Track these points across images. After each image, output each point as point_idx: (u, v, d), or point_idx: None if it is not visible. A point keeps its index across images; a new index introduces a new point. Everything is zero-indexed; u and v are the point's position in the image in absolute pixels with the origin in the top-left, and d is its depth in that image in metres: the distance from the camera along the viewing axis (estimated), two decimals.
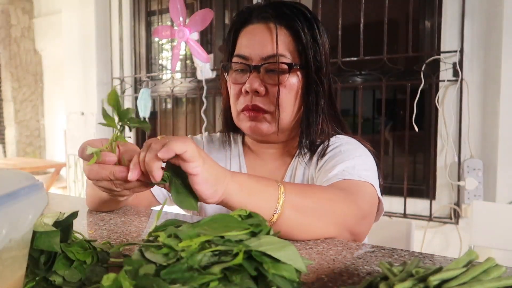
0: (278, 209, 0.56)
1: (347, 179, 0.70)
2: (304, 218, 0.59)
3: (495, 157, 1.85)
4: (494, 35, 1.84)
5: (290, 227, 0.58)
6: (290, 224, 0.58)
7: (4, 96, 4.24)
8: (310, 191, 0.62)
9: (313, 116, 0.82)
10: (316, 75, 0.80)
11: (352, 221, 0.64)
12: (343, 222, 0.63)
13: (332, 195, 0.64)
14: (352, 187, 0.69)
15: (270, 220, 0.57)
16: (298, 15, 0.80)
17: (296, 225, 0.59)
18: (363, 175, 0.72)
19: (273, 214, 0.56)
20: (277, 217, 0.57)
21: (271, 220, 0.57)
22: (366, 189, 0.71)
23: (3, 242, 0.29)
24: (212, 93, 2.61)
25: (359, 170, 0.73)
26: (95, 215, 0.76)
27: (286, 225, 0.58)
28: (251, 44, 0.80)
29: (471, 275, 0.36)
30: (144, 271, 0.34)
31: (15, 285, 0.33)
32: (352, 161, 0.75)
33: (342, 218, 0.63)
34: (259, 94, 0.79)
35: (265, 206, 0.56)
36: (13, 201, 0.30)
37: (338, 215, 0.62)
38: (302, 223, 0.59)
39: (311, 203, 0.60)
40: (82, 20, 3.15)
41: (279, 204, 0.56)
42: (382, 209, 0.77)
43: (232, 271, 0.35)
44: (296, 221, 0.58)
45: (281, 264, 0.36)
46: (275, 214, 0.56)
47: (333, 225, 0.62)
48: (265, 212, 0.56)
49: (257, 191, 0.56)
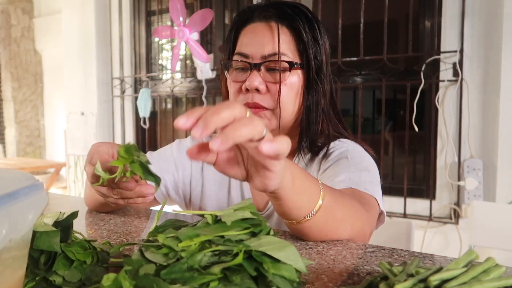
0: (313, 213, 0.55)
1: (353, 188, 0.71)
2: (328, 225, 0.58)
3: (495, 157, 1.85)
4: (494, 35, 1.84)
5: (312, 229, 0.57)
6: (315, 228, 0.57)
7: (4, 96, 4.24)
8: (341, 200, 0.60)
9: (313, 115, 0.82)
10: (316, 75, 0.81)
11: (362, 235, 0.65)
12: (357, 234, 0.63)
13: (357, 207, 0.63)
14: (362, 200, 0.69)
15: (300, 220, 0.55)
16: (299, 15, 0.80)
17: (319, 229, 0.58)
18: (368, 188, 0.72)
19: (306, 216, 0.55)
20: (308, 219, 0.55)
21: (302, 220, 0.55)
22: (371, 204, 0.71)
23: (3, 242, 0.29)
24: (212, 93, 2.61)
25: (365, 182, 0.73)
26: (95, 215, 0.76)
27: (310, 228, 0.57)
28: (252, 42, 0.80)
29: (471, 275, 0.36)
30: (144, 271, 0.34)
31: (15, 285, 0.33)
32: (358, 171, 0.75)
33: (358, 230, 0.63)
34: (260, 92, 0.79)
35: (305, 206, 0.54)
36: (13, 201, 0.30)
37: (356, 228, 0.63)
38: (325, 229, 0.59)
39: (340, 212, 0.59)
40: (82, 20, 3.15)
41: (315, 208, 0.54)
42: (383, 220, 0.77)
43: (232, 271, 0.35)
44: (321, 226, 0.58)
45: (281, 264, 0.36)
46: (308, 216, 0.55)
47: (349, 235, 0.62)
48: (302, 212, 0.54)
49: (304, 190, 0.53)
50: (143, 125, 2.87)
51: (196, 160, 0.46)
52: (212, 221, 0.41)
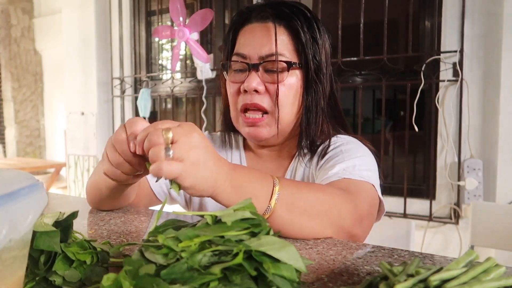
0: (269, 209, 0.57)
1: (347, 178, 0.70)
2: (296, 218, 0.59)
3: (495, 157, 1.85)
4: (494, 35, 1.84)
5: (281, 225, 0.58)
6: (282, 223, 0.58)
7: (4, 96, 4.24)
8: (306, 190, 0.62)
9: (312, 116, 0.82)
10: (315, 75, 0.80)
11: (348, 221, 0.63)
12: (338, 222, 0.62)
13: (329, 195, 0.63)
14: (351, 187, 0.68)
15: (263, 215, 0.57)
16: (297, 14, 0.80)
17: (287, 223, 0.59)
18: (363, 175, 0.71)
19: (264, 212, 0.57)
20: (268, 216, 0.57)
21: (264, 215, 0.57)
22: (366, 189, 0.70)
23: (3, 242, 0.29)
24: (212, 93, 2.61)
25: (360, 170, 0.72)
26: (95, 215, 0.76)
27: (278, 223, 0.58)
28: (250, 43, 0.80)
29: (471, 275, 0.36)
30: (144, 271, 0.34)
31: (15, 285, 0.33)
32: (352, 161, 0.75)
33: (337, 218, 0.62)
34: (258, 93, 0.79)
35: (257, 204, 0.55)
36: (13, 201, 0.30)
37: (334, 215, 0.62)
38: (294, 222, 0.59)
39: (305, 203, 0.60)
40: (82, 20, 3.15)
41: (271, 204, 0.57)
42: (383, 209, 0.76)
43: (232, 271, 0.35)
44: (288, 220, 0.59)
45: (281, 264, 0.36)
46: (266, 212, 0.57)
47: (327, 225, 0.61)
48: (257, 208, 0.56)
49: (250, 193, 0.56)
50: None
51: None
52: (212, 222, 0.41)
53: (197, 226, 0.41)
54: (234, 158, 0.93)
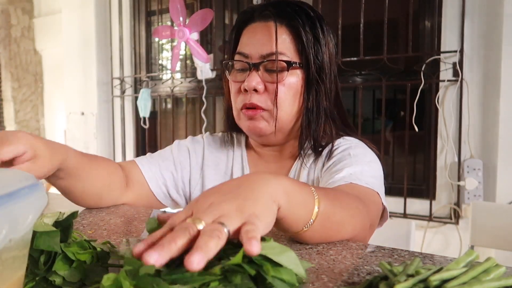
0: (310, 223, 0.52)
1: (353, 183, 0.70)
2: (327, 232, 0.56)
3: (495, 157, 1.85)
4: (494, 35, 1.84)
5: (313, 238, 0.55)
6: (314, 237, 0.55)
7: (4, 96, 4.24)
8: (338, 203, 0.58)
9: (313, 116, 0.81)
10: (317, 75, 0.80)
11: (362, 232, 0.63)
12: (357, 234, 0.62)
13: (355, 208, 0.60)
14: (360, 193, 0.67)
15: (299, 232, 0.52)
16: (300, 13, 0.79)
17: (318, 237, 0.56)
18: (370, 182, 0.71)
19: (304, 226, 0.52)
20: (305, 230, 0.52)
21: (300, 231, 0.52)
22: (373, 198, 0.70)
23: (3, 242, 0.29)
24: (212, 93, 2.61)
25: (367, 177, 0.72)
26: (95, 215, 0.76)
27: (310, 237, 0.55)
28: (251, 42, 0.80)
29: (471, 275, 0.36)
30: (144, 271, 0.34)
31: (15, 285, 0.33)
32: (360, 166, 0.74)
33: (358, 231, 0.61)
34: (258, 92, 0.79)
35: (302, 219, 0.51)
36: (13, 201, 0.30)
37: (356, 230, 0.61)
38: (324, 236, 0.57)
39: (338, 217, 0.56)
40: (82, 20, 3.15)
41: (312, 218, 0.52)
42: (387, 216, 0.76)
43: (232, 272, 0.35)
44: (319, 234, 0.55)
45: (281, 268, 0.36)
46: (305, 228, 0.52)
47: (349, 237, 0.60)
48: (299, 225, 0.51)
49: (299, 204, 0.49)
50: (143, 125, 2.87)
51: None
52: None
53: None
54: (236, 157, 0.93)
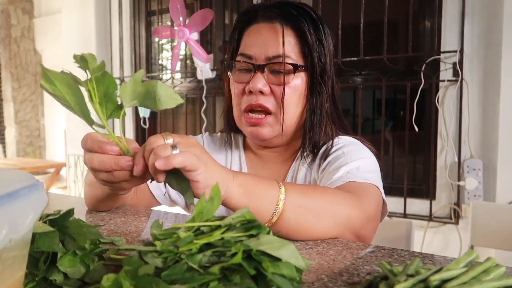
0: (277, 211, 0.56)
1: (352, 181, 0.70)
2: (304, 220, 0.58)
3: (495, 157, 1.85)
4: (494, 35, 1.84)
5: (289, 228, 0.58)
6: (289, 225, 0.58)
7: (4, 96, 4.24)
8: (312, 192, 0.61)
9: (316, 118, 0.81)
10: (320, 77, 0.80)
11: (356, 223, 0.63)
12: (346, 224, 0.62)
13: (335, 196, 0.63)
14: (358, 189, 0.68)
15: (269, 221, 0.57)
16: (304, 16, 0.79)
17: (295, 226, 0.58)
18: (368, 177, 0.71)
19: (272, 215, 0.56)
20: (276, 218, 0.57)
21: (270, 220, 0.57)
22: (371, 191, 0.70)
23: (3, 242, 0.29)
24: (212, 93, 2.61)
25: (364, 172, 0.72)
26: (95, 215, 0.76)
27: (285, 226, 0.58)
28: (256, 43, 0.79)
29: (471, 275, 0.36)
30: (144, 271, 0.34)
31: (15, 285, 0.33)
32: (356, 163, 0.74)
33: (345, 220, 0.61)
34: (263, 94, 0.78)
35: (265, 207, 0.56)
36: (13, 201, 0.30)
37: (341, 217, 0.61)
38: (301, 225, 0.58)
39: (311, 205, 0.59)
40: (82, 20, 3.15)
41: (278, 206, 0.56)
42: (386, 211, 0.76)
43: (231, 271, 0.35)
44: (296, 223, 0.58)
45: (280, 263, 0.36)
46: (274, 215, 0.56)
47: (334, 227, 0.61)
48: (264, 213, 0.56)
49: (257, 193, 0.56)
50: (143, 125, 2.87)
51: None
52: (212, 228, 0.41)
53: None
54: (234, 158, 0.93)
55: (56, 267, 0.42)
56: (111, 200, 0.76)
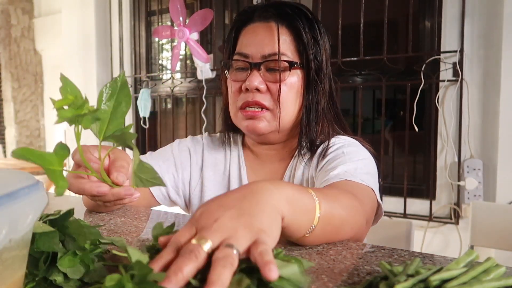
0: (312, 228, 0.51)
1: (348, 180, 0.70)
2: (327, 235, 0.55)
3: (495, 157, 1.85)
4: (494, 35, 1.84)
5: (313, 242, 0.55)
6: (314, 241, 0.54)
7: (4, 96, 4.24)
8: (338, 203, 0.57)
9: (313, 115, 0.82)
10: (316, 75, 0.81)
11: (361, 229, 0.63)
12: (356, 231, 0.61)
13: (351, 203, 0.60)
14: (353, 189, 0.68)
15: (303, 236, 0.51)
16: (299, 15, 0.81)
17: (318, 241, 0.55)
18: (364, 178, 0.71)
19: (305, 233, 0.51)
20: (308, 235, 0.51)
21: (304, 235, 0.51)
22: (367, 194, 0.70)
23: (3, 242, 0.29)
24: (212, 93, 2.61)
25: (361, 174, 0.72)
26: (95, 215, 0.76)
27: (310, 242, 0.54)
28: (252, 42, 0.81)
29: (471, 275, 0.36)
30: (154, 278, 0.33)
31: (15, 285, 0.33)
32: (354, 164, 0.75)
33: (356, 228, 0.61)
34: (260, 92, 0.79)
35: (304, 225, 0.50)
36: (13, 201, 0.30)
37: (354, 226, 0.60)
38: (324, 239, 0.56)
39: (337, 221, 0.55)
40: (82, 20, 3.15)
41: (314, 224, 0.51)
42: (381, 213, 0.77)
43: None
44: (321, 238, 0.55)
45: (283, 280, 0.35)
46: (308, 232, 0.51)
47: (348, 236, 0.60)
48: (302, 231, 0.50)
49: (301, 211, 0.48)
50: (143, 125, 2.87)
51: None
52: None
53: None
54: (233, 157, 0.93)
55: (56, 267, 0.42)
56: (106, 207, 0.76)
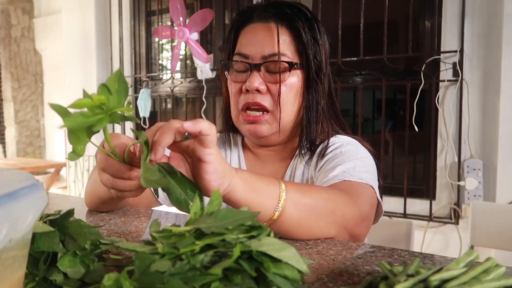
0: (279, 207, 0.56)
1: (347, 180, 0.70)
2: (305, 217, 0.58)
3: (495, 157, 1.85)
4: (494, 35, 1.84)
5: (290, 225, 0.58)
6: (291, 222, 0.58)
7: (4, 96, 4.24)
8: (310, 190, 0.61)
9: (313, 115, 0.82)
10: (316, 75, 0.81)
11: (351, 222, 0.64)
12: (342, 222, 0.62)
13: (333, 195, 0.63)
14: (352, 189, 0.68)
15: (271, 218, 0.56)
16: (299, 15, 0.80)
17: (296, 223, 0.58)
18: (363, 177, 0.72)
19: (274, 211, 0.56)
20: (278, 214, 0.56)
21: (272, 217, 0.56)
22: (366, 191, 0.70)
23: (3, 242, 0.29)
24: (212, 93, 2.61)
25: (360, 172, 0.72)
26: (95, 215, 0.76)
27: (287, 223, 0.57)
28: (252, 43, 0.80)
29: (471, 275, 0.36)
30: (155, 268, 0.34)
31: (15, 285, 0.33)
32: (353, 162, 0.75)
33: (342, 219, 0.62)
34: (260, 92, 0.79)
35: (267, 203, 0.55)
36: (13, 201, 0.30)
37: (338, 215, 0.62)
38: (302, 222, 0.59)
39: (312, 202, 0.60)
40: (82, 20, 3.15)
41: (280, 201, 0.56)
42: (381, 212, 0.77)
43: (233, 271, 0.35)
44: (297, 219, 0.58)
45: (282, 264, 0.36)
46: (276, 211, 0.56)
47: (333, 225, 0.61)
48: (267, 209, 0.55)
49: (259, 188, 0.55)
50: (143, 125, 2.87)
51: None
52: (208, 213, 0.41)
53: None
54: (233, 158, 0.93)
55: (56, 267, 0.42)
56: (111, 202, 0.75)
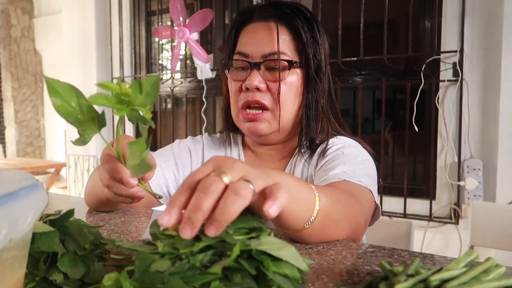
0: (311, 220, 0.51)
1: (346, 180, 0.70)
2: (326, 229, 0.56)
3: (495, 157, 1.85)
4: (494, 35, 1.84)
5: (311, 237, 0.55)
6: (313, 234, 0.54)
7: (4, 96, 4.24)
8: (336, 198, 0.58)
9: (312, 114, 0.83)
10: (315, 74, 0.82)
11: (358, 228, 0.64)
12: (354, 230, 0.62)
13: (347, 198, 0.61)
14: (351, 190, 0.68)
15: (301, 229, 0.52)
16: (298, 14, 0.81)
17: (318, 235, 0.55)
18: (363, 180, 0.72)
19: (305, 224, 0.51)
20: (307, 226, 0.52)
21: (302, 228, 0.52)
22: (366, 195, 0.71)
23: (3, 242, 0.29)
24: (212, 93, 2.61)
25: (359, 175, 0.72)
26: (95, 215, 0.76)
27: (309, 235, 0.54)
28: (252, 42, 0.81)
29: (471, 275, 0.36)
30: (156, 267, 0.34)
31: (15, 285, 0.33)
32: (353, 165, 0.75)
33: (355, 223, 0.62)
34: (260, 91, 0.80)
35: (303, 216, 0.50)
36: (13, 201, 0.30)
37: (353, 220, 0.61)
38: (323, 233, 0.56)
39: (336, 214, 0.56)
40: (82, 20, 3.15)
41: (313, 215, 0.51)
42: (379, 215, 0.77)
43: (232, 271, 0.35)
44: (320, 232, 0.55)
45: (282, 263, 0.36)
46: (307, 224, 0.51)
47: (346, 233, 0.60)
48: (300, 222, 0.51)
49: (300, 200, 0.49)
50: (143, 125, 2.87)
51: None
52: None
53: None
54: (233, 156, 0.93)
55: (56, 267, 0.42)
56: (108, 203, 0.75)
